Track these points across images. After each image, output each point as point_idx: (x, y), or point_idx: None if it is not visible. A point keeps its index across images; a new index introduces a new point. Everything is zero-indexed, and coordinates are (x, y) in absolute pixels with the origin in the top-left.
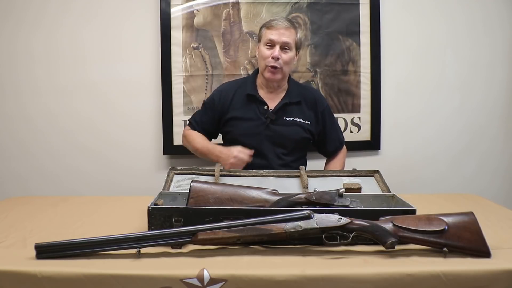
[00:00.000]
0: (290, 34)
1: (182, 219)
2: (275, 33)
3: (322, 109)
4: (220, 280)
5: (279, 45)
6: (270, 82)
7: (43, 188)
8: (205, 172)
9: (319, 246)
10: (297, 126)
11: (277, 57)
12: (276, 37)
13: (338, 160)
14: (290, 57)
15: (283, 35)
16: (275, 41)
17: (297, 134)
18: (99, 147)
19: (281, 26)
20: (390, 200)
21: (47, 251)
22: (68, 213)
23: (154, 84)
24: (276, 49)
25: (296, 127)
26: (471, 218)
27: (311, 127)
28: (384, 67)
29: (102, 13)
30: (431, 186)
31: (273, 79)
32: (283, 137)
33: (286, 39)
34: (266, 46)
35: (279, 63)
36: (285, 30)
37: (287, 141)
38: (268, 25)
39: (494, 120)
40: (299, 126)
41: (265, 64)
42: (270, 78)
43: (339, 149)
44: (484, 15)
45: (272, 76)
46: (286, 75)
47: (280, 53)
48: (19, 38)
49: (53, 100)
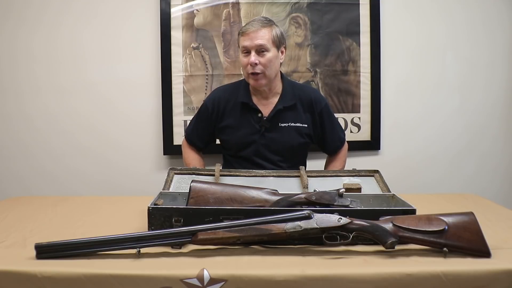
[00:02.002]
0: (263, 35)
1: (182, 219)
2: (247, 38)
3: (320, 110)
4: (220, 280)
5: (253, 50)
6: (257, 88)
7: (43, 188)
8: (205, 172)
9: (319, 246)
10: (293, 131)
11: (254, 63)
12: (248, 43)
13: (338, 159)
14: (268, 59)
15: (255, 38)
16: (249, 47)
17: (294, 140)
18: (99, 147)
19: (251, 30)
20: (390, 200)
21: (47, 251)
22: (68, 213)
23: (154, 84)
24: (251, 55)
25: (292, 132)
26: (471, 218)
27: (309, 130)
28: (384, 67)
29: (102, 13)
30: (431, 186)
31: (258, 85)
32: (279, 144)
33: (259, 41)
34: (243, 54)
35: (259, 68)
36: (257, 33)
37: (283, 148)
38: (241, 31)
39: (494, 120)
40: (295, 131)
41: (246, 72)
42: (254, 85)
43: (339, 148)
44: (484, 15)
45: (256, 82)
46: (271, 77)
47: (257, 58)
48: (19, 38)
49: (53, 100)
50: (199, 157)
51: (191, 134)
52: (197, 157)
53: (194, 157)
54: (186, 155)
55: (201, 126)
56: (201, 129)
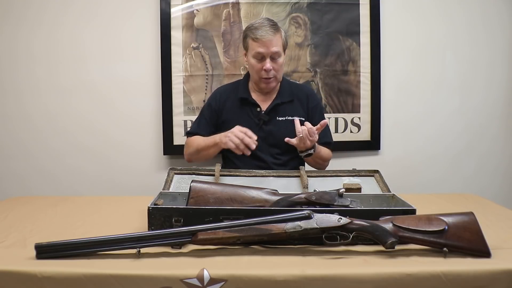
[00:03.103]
0: (277, 41)
1: (182, 219)
2: (262, 45)
3: (313, 105)
4: (220, 280)
5: (268, 56)
6: (268, 90)
7: (43, 188)
8: (205, 172)
9: (319, 246)
10: (291, 125)
11: (269, 69)
12: (264, 50)
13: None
14: (281, 64)
15: (271, 46)
16: (264, 54)
17: (291, 133)
18: (99, 147)
19: (267, 38)
20: (390, 200)
21: (47, 251)
22: (68, 213)
23: (154, 84)
24: (267, 61)
25: (289, 126)
26: (471, 218)
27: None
28: (384, 67)
29: (102, 13)
30: (431, 186)
31: (269, 88)
32: (277, 137)
33: (274, 49)
34: (256, 60)
35: (272, 73)
36: (272, 40)
37: (281, 141)
38: (253, 36)
39: (494, 120)
40: (292, 124)
41: (258, 76)
42: (266, 88)
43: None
44: (483, 15)
45: (268, 86)
46: (280, 79)
47: (271, 64)
48: (19, 37)
49: (53, 100)
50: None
51: (194, 130)
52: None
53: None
54: (191, 142)
55: (204, 122)
56: (204, 125)
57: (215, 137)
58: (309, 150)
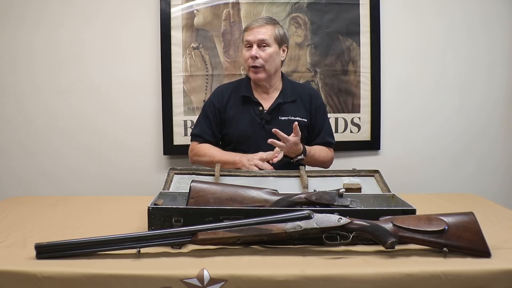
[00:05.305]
0: (266, 31)
1: (182, 219)
2: (250, 33)
3: (316, 105)
4: (220, 280)
5: (255, 43)
6: (257, 82)
7: (43, 188)
8: (205, 172)
9: (319, 246)
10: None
11: (255, 56)
12: (251, 37)
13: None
14: (269, 53)
15: (258, 33)
16: (251, 41)
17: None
18: (99, 147)
19: (256, 26)
20: (390, 200)
21: (47, 251)
22: (68, 213)
23: (154, 84)
24: (253, 48)
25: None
26: (471, 218)
27: (308, 124)
28: (384, 67)
29: (103, 13)
30: (431, 186)
31: (257, 78)
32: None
33: (261, 36)
34: (246, 48)
35: (259, 62)
36: (260, 28)
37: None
38: (246, 27)
39: (494, 120)
40: None
41: (247, 65)
42: (254, 78)
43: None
44: (483, 15)
45: (255, 75)
46: (271, 72)
47: (258, 51)
48: (19, 38)
49: (53, 100)
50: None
51: (200, 134)
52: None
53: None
54: (203, 151)
55: (208, 122)
56: (209, 125)
57: (234, 157)
58: (299, 156)
